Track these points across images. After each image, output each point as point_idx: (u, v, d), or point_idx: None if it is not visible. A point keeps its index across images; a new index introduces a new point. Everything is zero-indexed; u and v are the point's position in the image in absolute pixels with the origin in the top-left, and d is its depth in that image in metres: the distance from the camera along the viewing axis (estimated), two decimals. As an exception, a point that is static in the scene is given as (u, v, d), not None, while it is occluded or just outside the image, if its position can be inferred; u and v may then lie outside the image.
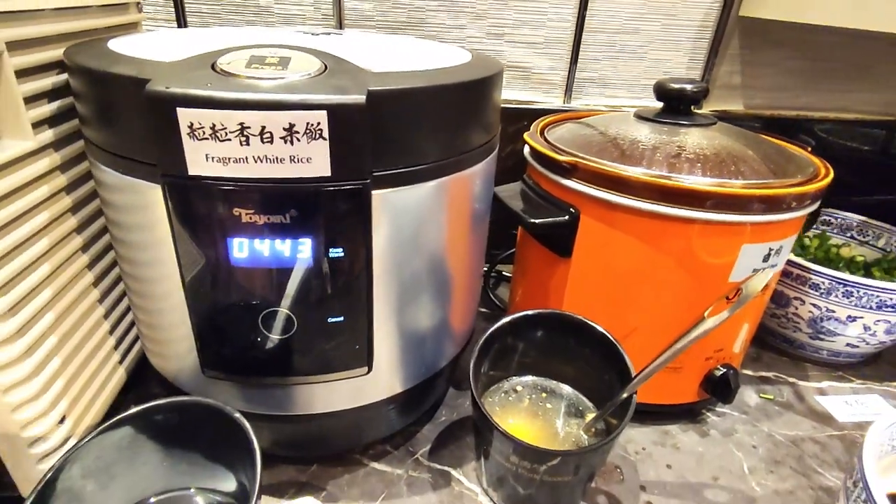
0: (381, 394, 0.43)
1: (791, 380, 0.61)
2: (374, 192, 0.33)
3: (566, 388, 0.48)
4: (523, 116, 0.70)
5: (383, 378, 0.42)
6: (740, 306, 0.37)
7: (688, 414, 0.54)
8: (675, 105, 0.51)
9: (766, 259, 0.45)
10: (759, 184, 0.42)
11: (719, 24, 0.69)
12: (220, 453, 0.36)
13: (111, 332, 0.47)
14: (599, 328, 0.44)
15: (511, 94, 0.72)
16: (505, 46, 0.69)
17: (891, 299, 0.55)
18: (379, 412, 0.44)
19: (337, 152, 0.30)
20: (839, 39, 0.72)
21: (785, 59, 0.72)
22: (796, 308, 0.60)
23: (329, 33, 0.47)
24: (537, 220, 0.46)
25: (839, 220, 0.74)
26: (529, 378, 0.48)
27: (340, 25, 0.66)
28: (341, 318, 0.35)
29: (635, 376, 0.41)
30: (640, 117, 0.51)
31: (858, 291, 0.56)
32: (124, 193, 0.34)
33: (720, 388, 0.50)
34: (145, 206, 0.33)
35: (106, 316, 0.46)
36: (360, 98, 0.29)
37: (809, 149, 0.53)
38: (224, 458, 0.37)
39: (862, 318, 0.57)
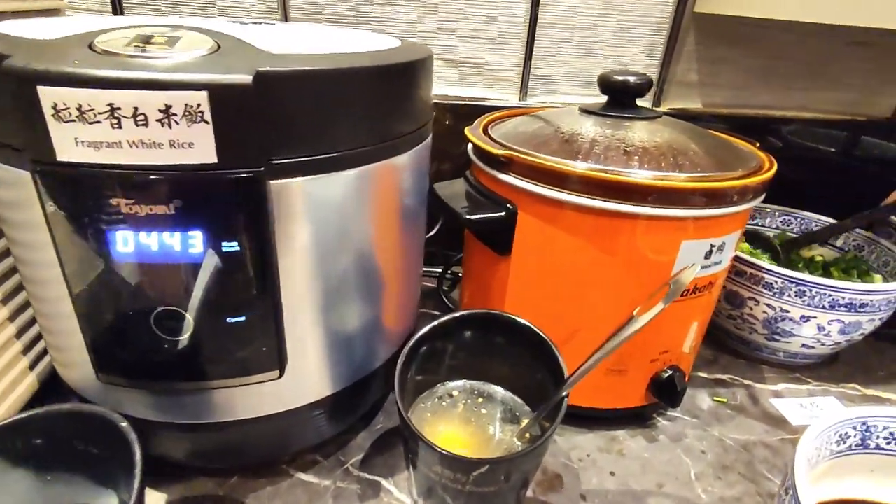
0: (303, 398, 0.40)
1: (746, 382, 0.59)
2: (273, 182, 0.31)
3: (503, 393, 0.46)
4: (477, 114, 0.68)
5: (304, 382, 0.40)
6: (668, 303, 0.35)
7: (637, 419, 0.52)
8: (620, 98, 0.49)
9: (708, 256, 0.43)
10: (698, 177, 0.41)
11: (675, 21, 0.68)
12: (107, 468, 0.34)
13: (18, 335, 0.44)
14: (532, 326, 0.42)
15: (464, 91, 0.70)
16: (457, 42, 0.67)
17: (843, 298, 0.54)
18: (303, 418, 0.42)
19: (223, 137, 0.28)
20: (794, 38, 0.71)
21: (742, 56, 0.71)
22: (751, 308, 0.59)
23: (261, 23, 0.45)
24: (472, 217, 0.44)
25: (799, 219, 0.73)
26: (464, 382, 0.46)
27: (286, 18, 0.64)
28: (242, 318, 0.33)
29: (568, 378, 0.39)
30: (585, 111, 0.49)
31: (811, 290, 0.54)
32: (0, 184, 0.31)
33: (666, 391, 0.48)
34: (20, 197, 0.30)
35: (11, 319, 0.43)
36: (246, 78, 0.27)
37: (758, 144, 0.52)
38: (110, 472, 0.34)
39: (815, 317, 0.55)
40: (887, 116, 0.78)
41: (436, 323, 0.42)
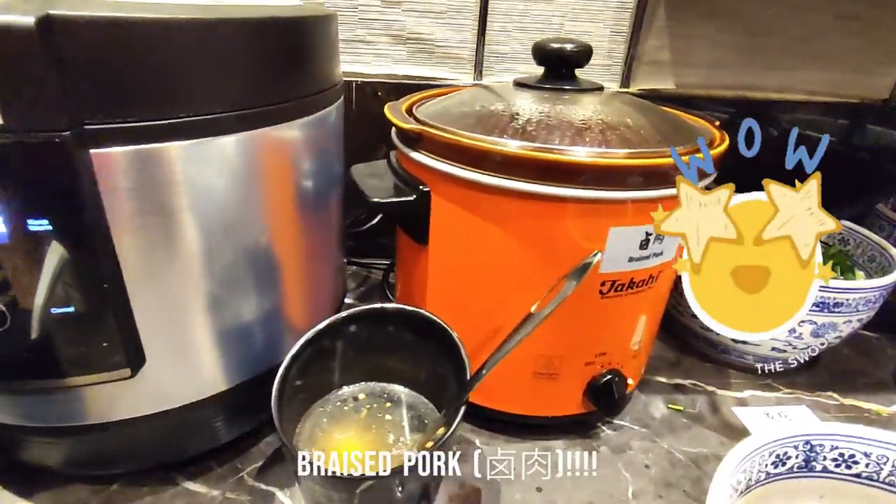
0: (176, 399, 0.36)
1: (709, 388, 0.54)
2: (95, 152, 0.26)
3: (413, 396, 0.41)
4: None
5: (176, 380, 0.36)
6: (563, 298, 0.30)
7: (578, 427, 0.47)
8: (556, 69, 0.44)
9: (644, 246, 0.38)
10: (625, 154, 0.36)
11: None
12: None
13: None
14: (434, 319, 0.37)
15: (413, 69, 0.65)
16: (403, 16, 0.62)
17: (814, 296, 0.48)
18: (185, 420, 0.38)
19: (5, 93, 0.23)
20: (778, 11, 0.65)
21: (719, 32, 0.65)
22: (715, 307, 0.53)
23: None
24: (378, 200, 0.40)
25: (780, 211, 0.66)
26: (371, 385, 0.41)
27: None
28: (70, 309, 0.28)
29: (467, 381, 0.34)
30: (520, 84, 0.44)
31: (778, 288, 0.48)
32: None
33: (604, 398, 0.43)
34: None
35: None
36: (26, 21, 0.23)
37: (718, 123, 0.46)
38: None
39: (784, 318, 0.50)
40: (884, 98, 0.71)
41: (325, 324, 0.38)
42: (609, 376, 0.43)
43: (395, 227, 0.48)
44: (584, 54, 0.43)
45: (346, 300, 0.65)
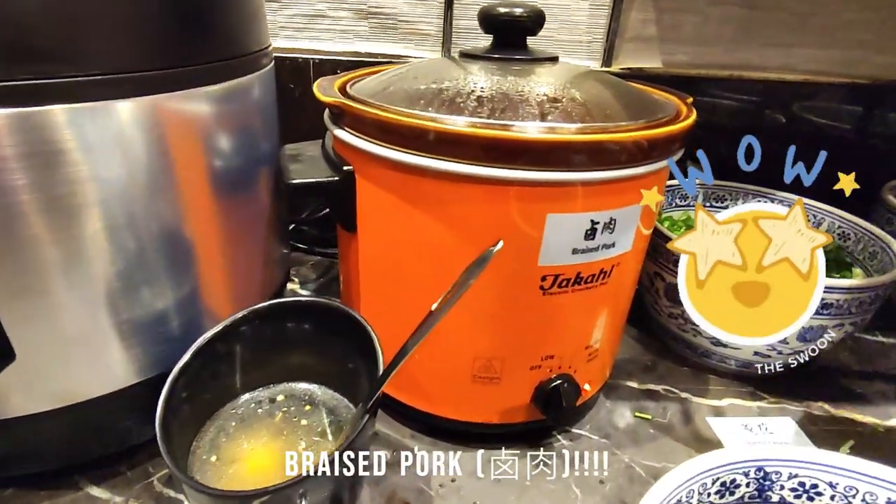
0: (81, 394, 0.33)
1: (684, 395, 0.49)
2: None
3: (334, 398, 0.37)
4: (390, 73, 0.59)
5: (74, 374, 0.33)
6: (461, 294, 0.25)
7: (530, 436, 0.43)
8: (506, 38, 0.39)
9: (590, 236, 0.33)
10: (565, 129, 0.31)
11: (624, -39, 0.57)
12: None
13: None
14: (351, 313, 0.34)
15: (376, 46, 0.61)
16: (363, -13, 0.58)
17: (800, 297, 0.43)
18: (93, 417, 0.35)
19: None
20: (777, -20, 0.59)
21: (710, 4, 0.59)
22: (692, 306, 0.48)
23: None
24: (297, 181, 0.36)
25: (777, 201, 0.61)
26: (286, 386, 0.38)
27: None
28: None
29: (379, 377, 0.30)
30: (467, 55, 0.40)
31: (760, 286, 0.43)
32: None
33: (552, 405, 0.39)
34: None
35: None
36: None
37: (690, 100, 0.41)
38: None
39: (767, 320, 0.44)
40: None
41: (215, 330, 0.34)
42: (558, 381, 0.38)
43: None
44: (535, 20, 0.38)
45: (303, 291, 0.61)
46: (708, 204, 0.63)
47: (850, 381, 0.52)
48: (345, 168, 0.36)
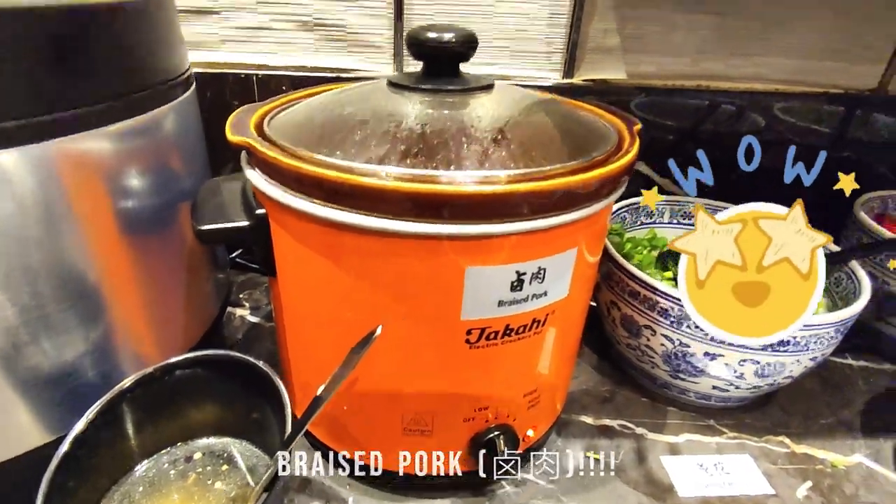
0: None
1: (639, 431, 0.47)
2: None
3: (255, 455, 0.35)
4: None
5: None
6: (345, 374, 0.23)
7: (473, 482, 0.40)
8: (436, 65, 0.36)
9: (516, 287, 0.31)
10: (485, 178, 0.28)
11: (582, -31, 0.53)
12: None
13: None
14: (257, 364, 0.31)
15: (325, 60, 0.57)
16: (310, 0, 0.55)
17: (756, 334, 0.40)
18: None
19: None
20: (748, -14, 0.56)
21: (674, 13, 0.56)
22: (648, 339, 0.46)
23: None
24: (203, 227, 0.33)
25: (744, 219, 0.58)
26: (200, 442, 0.35)
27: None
28: None
29: (285, 439, 0.28)
30: (396, 85, 0.37)
31: (714, 322, 0.41)
32: None
33: (488, 457, 0.36)
34: None
35: None
36: None
37: (638, 126, 0.38)
38: None
39: (723, 356, 0.42)
40: (871, 88, 0.62)
41: (102, 402, 0.32)
42: (494, 433, 0.36)
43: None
44: (466, 45, 0.35)
45: (252, 318, 0.59)
46: (675, 221, 0.60)
47: (814, 410, 0.50)
48: (258, 212, 0.33)
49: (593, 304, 0.44)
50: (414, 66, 0.58)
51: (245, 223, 0.33)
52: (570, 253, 0.32)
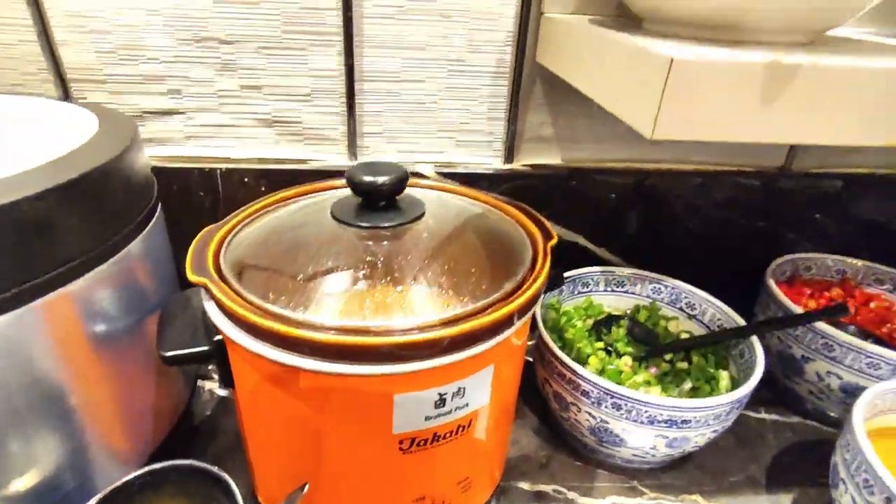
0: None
1: (571, 495, 0.52)
2: None
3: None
4: (299, 178, 0.61)
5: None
6: None
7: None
8: (372, 201, 0.42)
9: (439, 405, 0.36)
10: (402, 329, 0.34)
11: (515, 70, 0.59)
12: None
13: None
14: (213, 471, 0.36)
15: (284, 151, 0.62)
16: (265, 100, 0.59)
17: (661, 415, 0.46)
18: None
19: None
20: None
21: (601, 108, 0.63)
22: (575, 414, 0.51)
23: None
24: (167, 353, 0.38)
25: (669, 288, 0.65)
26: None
27: (64, 84, 0.56)
28: None
29: None
30: (337, 219, 0.41)
31: (627, 404, 0.47)
32: None
33: (426, 541, 0.42)
34: None
35: None
36: None
37: (554, 241, 0.44)
38: None
39: (637, 431, 0.48)
40: (778, 166, 0.69)
41: None
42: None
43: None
44: (398, 184, 0.40)
45: (222, 393, 0.63)
46: (609, 289, 0.67)
47: (726, 466, 0.56)
48: (216, 338, 0.38)
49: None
50: (366, 153, 0.63)
51: (206, 348, 0.38)
52: (487, 371, 0.38)
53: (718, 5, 0.36)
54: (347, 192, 0.43)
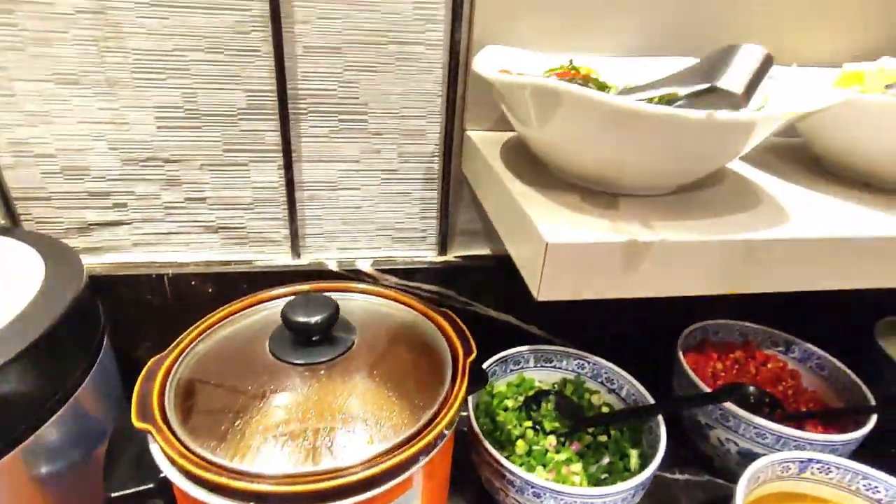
0: None
1: (502, 572, 0.58)
2: None
3: None
4: (244, 280, 0.65)
5: None
6: None
7: None
8: (304, 338, 0.46)
9: (367, 527, 0.41)
10: (335, 471, 0.38)
11: (444, 179, 0.65)
12: None
13: None
14: None
15: (230, 254, 0.66)
16: (209, 211, 0.63)
17: (575, 502, 0.52)
18: None
19: None
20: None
21: (524, 204, 0.70)
22: (504, 497, 0.57)
23: None
24: (115, 494, 0.41)
25: (591, 364, 0.71)
26: None
27: (7, 203, 0.58)
28: None
29: None
30: (274, 354, 0.46)
31: (545, 493, 0.53)
32: None
33: None
34: None
35: None
36: None
37: (472, 357, 0.49)
38: None
39: (556, 514, 0.54)
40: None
41: None
42: None
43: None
44: (330, 321, 0.45)
45: None
46: (539, 364, 0.73)
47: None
48: (160, 475, 0.41)
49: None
50: (309, 253, 0.68)
51: (151, 485, 0.41)
52: (415, 488, 0.42)
53: (597, 173, 0.43)
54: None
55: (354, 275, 0.67)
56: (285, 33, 0.55)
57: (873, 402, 0.66)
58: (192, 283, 0.64)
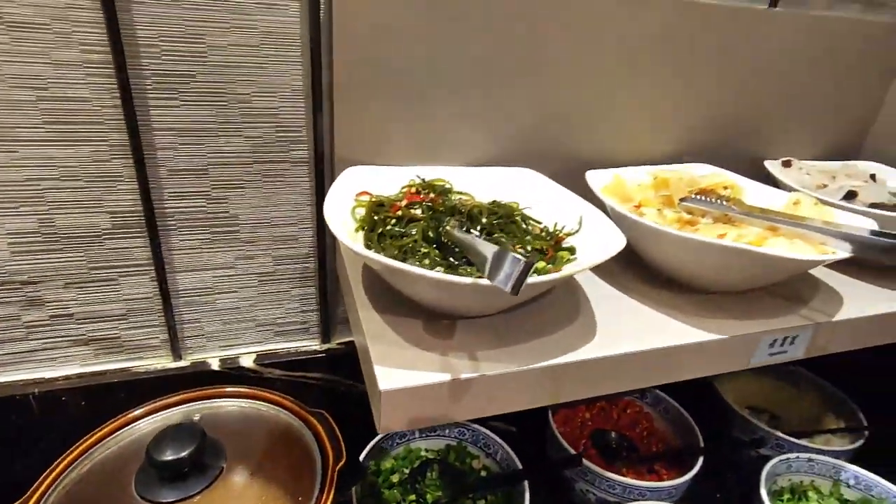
0: None
1: None
2: None
3: None
4: (121, 390, 0.65)
5: None
6: None
7: None
8: (170, 474, 0.48)
9: None
10: None
11: (321, 277, 0.69)
12: None
13: None
14: None
15: (105, 364, 0.65)
16: (78, 325, 0.62)
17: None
18: None
19: None
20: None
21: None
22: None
23: None
24: None
25: (471, 431, 0.78)
26: None
27: None
28: None
29: None
30: (137, 492, 0.47)
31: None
32: None
33: None
34: None
35: None
36: None
37: (343, 462, 0.53)
38: None
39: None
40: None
41: None
42: None
43: None
44: (195, 457, 0.47)
45: None
46: (424, 434, 0.78)
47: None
48: None
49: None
50: (191, 354, 0.69)
51: None
52: None
53: (439, 308, 0.49)
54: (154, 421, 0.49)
55: (238, 372, 0.69)
56: (147, 160, 0.56)
57: (702, 443, 0.78)
58: (63, 398, 0.63)
